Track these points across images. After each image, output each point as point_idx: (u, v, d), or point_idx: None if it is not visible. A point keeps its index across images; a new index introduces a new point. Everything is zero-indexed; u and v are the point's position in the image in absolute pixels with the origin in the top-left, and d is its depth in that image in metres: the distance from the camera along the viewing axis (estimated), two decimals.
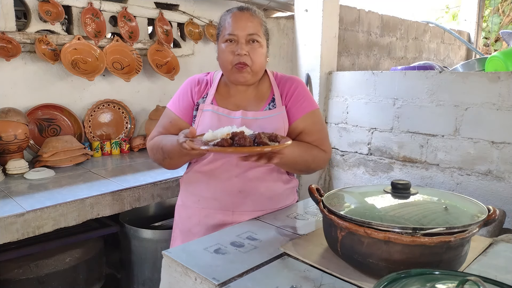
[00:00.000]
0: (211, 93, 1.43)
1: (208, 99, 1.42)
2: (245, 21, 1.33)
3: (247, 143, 1.02)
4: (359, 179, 2.69)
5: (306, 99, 1.43)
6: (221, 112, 1.39)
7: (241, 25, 1.32)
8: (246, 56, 1.32)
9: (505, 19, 6.25)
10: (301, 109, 1.41)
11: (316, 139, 1.41)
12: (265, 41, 1.38)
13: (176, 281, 1.02)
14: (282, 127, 1.37)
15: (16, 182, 1.83)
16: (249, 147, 1.02)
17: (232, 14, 1.35)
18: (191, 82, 1.48)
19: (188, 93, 1.45)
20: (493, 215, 0.92)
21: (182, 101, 1.45)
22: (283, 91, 1.43)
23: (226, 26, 1.35)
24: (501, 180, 2.02)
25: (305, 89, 1.45)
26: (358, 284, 0.91)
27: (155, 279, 2.02)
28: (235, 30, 1.32)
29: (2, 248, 1.54)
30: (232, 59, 1.33)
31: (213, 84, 1.45)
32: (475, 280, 0.66)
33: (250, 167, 1.37)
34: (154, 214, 2.39)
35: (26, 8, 2.17)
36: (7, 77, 2.14)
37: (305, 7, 2.81)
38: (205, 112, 1.40)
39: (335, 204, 1.01)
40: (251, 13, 1.35)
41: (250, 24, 1.33)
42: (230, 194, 1.37)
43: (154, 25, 2.64)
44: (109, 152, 2.44)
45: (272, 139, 1.10)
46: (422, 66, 2.70)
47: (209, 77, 1.48)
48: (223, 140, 1.03)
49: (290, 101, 1.41)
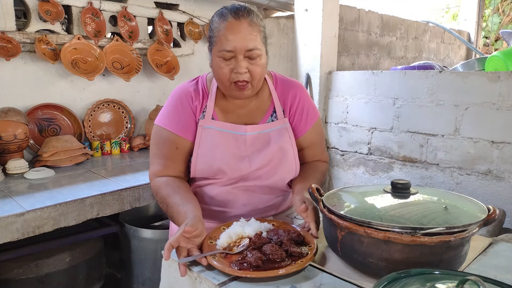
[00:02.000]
0: (210, 106, 1.29)
1: (207, 114, 1.28)
2: (243, 33, 1.16)
3: (281, 257, 0.96)
4: (359, 179, 2.69)
5: (310, 110, 1.37)
6: (224, 128, 1.27)
7: (238, 38, 1.15)
8: (246, 74, 1.18)
9: (505, 18, 6.25)
10: (307, 123, 1.36)
11: (320, 151, 1.43)
12: (264, 48, 1.22)
13: (176, 281, 1.01)
14: (289, 141, 1.32)
15: (16, 182, 1.83)
16: (288, 265, 0.94)
17: (228, 24, 1.16)
18: (185, 95, 1.30)
19: (185, 107, 1.28)
20: (493, 215, 0.92)
21: (180, 117, 1.27)
22: (286, 102, 1.35)
23: (221, 37, 1.17)
24: (501, 180, 2.02)
25: (308, 97, 1.39)
26: (358, 284, 0.91)
27: (155, 279, 2.02)
28: (232, 45, 1.15)
29: (2, 248, 1.54)
30: (229, 77, 1.19)
31: (211, 96, 1.30)
32: (475, 279, 0.66)
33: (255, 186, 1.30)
34: (154, 214, 2.39)
35: (26, 7, 2.17)
36: (7, 77, 2.14)
37: (305, 6, 2.81)
38: (207, 130, 1.27)
39: (335, 204, 1.01)
40: (249, 21, 1.17)
41: (249, 37, 1.16)
42: (234, 207, 1.32)
43: (154, 24, 2.64)
44: (109, 152, 2.44)
45: (295, 239, 1.03)
46: (422, 66, 2.70)
47: (201, 86, 1.32)
48: (257, 259, 0.93)
49: (295, 115, 1.35)
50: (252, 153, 1.28)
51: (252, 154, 1.28)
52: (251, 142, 1.29)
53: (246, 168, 1.27)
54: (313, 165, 1.41)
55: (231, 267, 0.93)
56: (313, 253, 0.98)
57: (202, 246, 1.03)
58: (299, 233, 1.06)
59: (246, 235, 1.06)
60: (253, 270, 0.92)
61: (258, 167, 1.28)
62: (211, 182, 1.31)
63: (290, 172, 1.33)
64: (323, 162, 1.44)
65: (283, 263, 0.95)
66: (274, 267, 0.93)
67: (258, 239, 1.02)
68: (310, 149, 1.41)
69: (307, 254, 0.98)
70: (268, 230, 1.09)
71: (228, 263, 0.95)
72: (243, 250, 1.00)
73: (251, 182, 1.30)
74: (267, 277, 0.91)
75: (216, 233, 1.11)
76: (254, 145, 1.29)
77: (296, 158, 1.34)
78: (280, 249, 0.98)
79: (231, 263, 0.95)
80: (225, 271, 0.92)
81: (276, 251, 0.96)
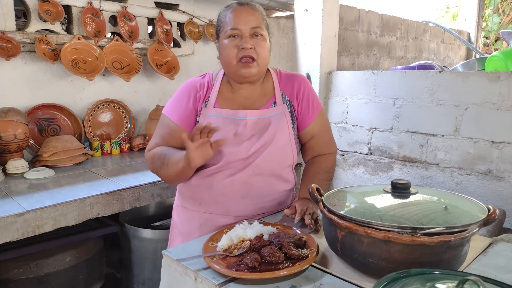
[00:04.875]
0: (213, 95, 1.37)
1: (210, 102, 1.37)
2: (247, 14, 1.30)
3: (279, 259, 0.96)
4: (359, 179, 2.69)
5: (314, 98, 1.44)
6: (225, 114, 1.35)
7: (243, 19, 1.29)
8: (251, 49, 1.28)
9: (505, 18, 6.25)
10: (314, 110, 1.42)
11: (327, 140, 1.49)
12: (267, 35, 1.35)
13: (176, 281, 1.02)
14: (286, 126, 1.36)
15: (16, 182, 1.83)
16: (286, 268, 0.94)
17: (233, 9, 1.32)
18: (191, 87, 1.40)
19: (189, 100, 1.38)
20: (493, 215, 0.92)
21: (182, 109, 1.38)
22: (292, 94, 1.42)
23: (227, 21, 1.31)
24: (501, 180, 2.02)
25: (311, 87, 1.46)
26: (358, 284, 0.91)
27: (155, 278, 2.02)
28: (238, 24, 1.28)
29: (2, 247, 1.54)
30: (236, 54, 1.29)
31: (215, 86, 1.39)
32: (475, 279, 0.66)
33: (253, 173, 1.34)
34: (154, 214, 2.39)
35: (26, 7, 2.17)
36: (7, 76, 2.14)
37: (305, 6, 2.81)
38: (208, 117, 1.35)
39: (335, 204, 1.01)
40: (251, 7, 1.32)
41: (252, 17, 1.30)
42: (233, 199, 1.34)
43: (154, 24, 2.63)
44: (109, 152, 2.44)
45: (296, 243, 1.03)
46: (422, 66, 2.71)
47: (208, 79, 1.42)
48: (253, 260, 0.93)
49: (302, 103, 1.41)
50: (252, 136, 1.34)
51: (251, 137, 1.34)
52: (251, 127, 1.34)
53: (244, 152, 1.32)
54: (317, 165, 1.46)
55: (228, 269, 0.93)
56: (312, 256, 0.98)
57: (202, 248, 1.04)
58: (300, 236, 1.06)
59: (247, 238, 1.06)
60: (250, 271, 0.92)
61: (255, 150, 1.33)
62: (210, 172, 1.34)
63: (287, 156, 1.38)
64: (329, 154, 1.50)
65: (281, 265, 0.95)
66: (271, 269, 0.93)
67: (258, 241, 1.02)
68: (320, 137, 1.46)
69: (307, 257, 0.98)
70: (270, 233, 1.09)
71: (225, 265, 0.95)
72: (243, 253, 1.00)
73: (249, 171, 1.33)
74: (264, 279, 0.91)
75: (217, 235, 1.11)
76: (254, 129, 1.35)
77: (293, 142, 1.39)
78: (278, 252, 0.98)
79: (229, 264, 0.95)
80: (222, 272, 0.93)
81: (273, 253, 0.96)
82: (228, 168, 1.33)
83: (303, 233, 1.11)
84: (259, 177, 1.34)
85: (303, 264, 0.94)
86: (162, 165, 1.31)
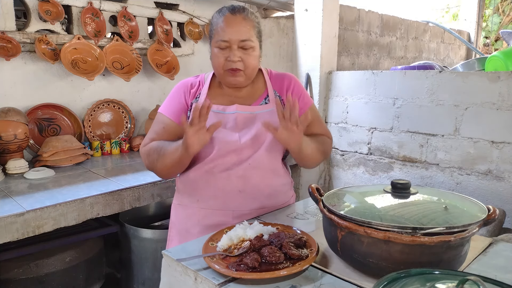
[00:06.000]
0: (204, 92, 1.43)
1: (201, 98, 1.42)
2: (238, 25, 1.31)
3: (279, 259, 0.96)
4: (359, 179, 2.69)
5: (305, 94, 1.50)
6: (215, 109, 1.38)
7: (233, 30, 1.31)
8: (239, 62, 1.32)
9: (505, 18, 6.25)
10: (304, 103, 1.46)
11: (323, 129, 1.52)
12: (258, 43, 1.37)
13: (176, 280, 1.02)
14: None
15: (16, 182, 1.83)
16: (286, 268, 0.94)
17: (224, 18, 1.33)
18: (183, 85, 1.47)
19: (181, 96, 1.44)
20: (493, 215, 0.92)
21: (175, 105, 1.44)
22: (282, 90, 1.46)
23: (218, 30, 1.33)
24: (501, 180, 2.02)
25: (300, 85, 1.51)
26: (358, 284, 0.91)
27: (155, 278, 2.02)
28: (227, 36, 1.31)
29: (2, 247, 1.54)
30: (224, 64, 1.34)
31: (205, 84, 1.45)
32: (475, 279, 0.66)
33: (249, 167, 1.36)
34: (154, 214, 2.39)
35: (26, 7, 2.17)
36: (7, 76, 2.14)
37: (305, 6, 2.81)
38: None
39: (335, 204, 1.01)
40: (243, 16, 1.33)
41: (244, 29, 1.32)
42: (230, 193, 1.37)
43: (154, 24, 2.63)
44: (109, 152, 2.44)
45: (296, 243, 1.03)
46: (422, 66, 2.70)
47: (200, 79, 1.49)
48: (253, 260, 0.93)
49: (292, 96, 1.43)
50: (242, 129, 1.38)
51: (241, 131, 1.38)
52: (243, 121, 1.38)
53: (235, 141, 1.35)
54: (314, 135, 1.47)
55: (228, 269, 0.93)
56: (312, 256, 0.98)
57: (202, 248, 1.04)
58: (300, 236, 1.06)
59: (247, 238, 1.06)
60: (250, 271, 0.92)
61: (247, 142, 1.35)
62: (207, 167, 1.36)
63: (278, 148, 1.40)
64: (326, 137, 1.52)
65: (281, 265, 0.95)
66: (271, 269, 0.93)
67: (258, 241, 1.02)
68: (311, 127, 1.47)
69: (307, 257, 0.98)
70: (270, 233, 1.09)
71: (225, 265, 0.95)
72: (243, 253, 1.00)
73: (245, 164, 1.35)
74: (264, 279, 0.91)
75: (217, 235, 1.11)
76: (245, 123, 1.38)
77: None
78: (278, 252, 0.98)
79: (229, 264, 0.95)
80: (222, 272, 0.92)
81: (273, 253, 0.96)
82: (223, 162, 1.36)
83: (303, 233, 1.11)
84: (255, 170, 1.37)
85: (303, 264, 0.95)
86: (158, 156, 1.34)
